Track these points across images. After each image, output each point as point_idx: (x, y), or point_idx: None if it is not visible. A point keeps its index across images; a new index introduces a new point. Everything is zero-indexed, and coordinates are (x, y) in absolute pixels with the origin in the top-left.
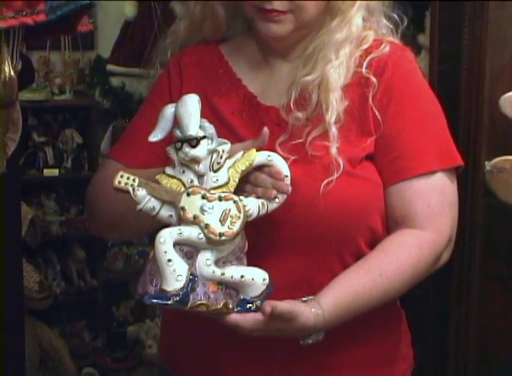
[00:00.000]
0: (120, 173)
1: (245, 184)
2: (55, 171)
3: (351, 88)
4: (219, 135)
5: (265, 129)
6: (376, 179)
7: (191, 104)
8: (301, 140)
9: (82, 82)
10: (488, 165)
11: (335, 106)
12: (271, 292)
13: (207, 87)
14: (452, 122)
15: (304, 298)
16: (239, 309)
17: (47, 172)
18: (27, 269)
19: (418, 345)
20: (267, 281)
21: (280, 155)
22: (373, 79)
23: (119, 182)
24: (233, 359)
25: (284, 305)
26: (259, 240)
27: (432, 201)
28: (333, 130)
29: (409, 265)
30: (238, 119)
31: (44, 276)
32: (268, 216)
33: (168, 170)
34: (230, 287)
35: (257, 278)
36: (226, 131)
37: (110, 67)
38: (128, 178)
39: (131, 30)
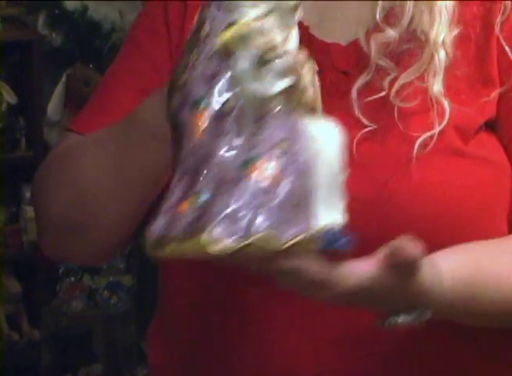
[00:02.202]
0: None
1: None
2: None
3: (462, 10)
4: None
5: None
6: (502, 161)
7: None
8: (383, 93)
9: (16, 2)
10: None
11: (445, 19)
12: None
13: None
14: None
15: None
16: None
17: None
18: None
19: None
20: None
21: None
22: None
23: None
24: None
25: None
26: None
27: None
28: (442, 54)
29: None
30: None
31: None
32: None
33: None
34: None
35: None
36: None
37: None
38: None
39: None
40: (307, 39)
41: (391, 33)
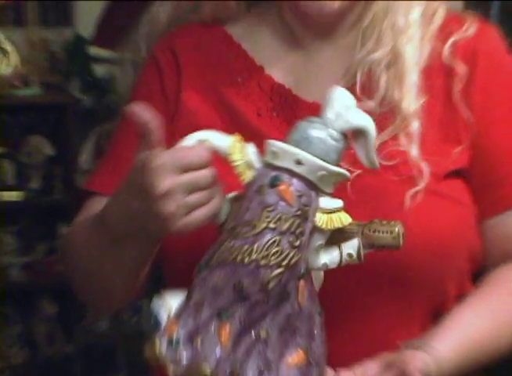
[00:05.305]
0: None
1: None
2: (17, 194)
3: (428, 76)
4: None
5: None
6: (468, 202)
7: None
8: None
9: (55, 71)
10: None
11: (414, 91)
12: None
13: (216, 78)
14: None
15: (411, 343)
16: None
17: (6, 196)
18: None
19: None
20: None
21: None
22: (462, 68)
23: None
24: None
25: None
26: None
27: None
28: (415, 124)
29: None
30: (267, 121)
31: (0, 339)
32: None
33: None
34: None
35: None
36: (253, 139)
37: (94, 51)
38: None
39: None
40: (291, 100)
41: (371, 104)
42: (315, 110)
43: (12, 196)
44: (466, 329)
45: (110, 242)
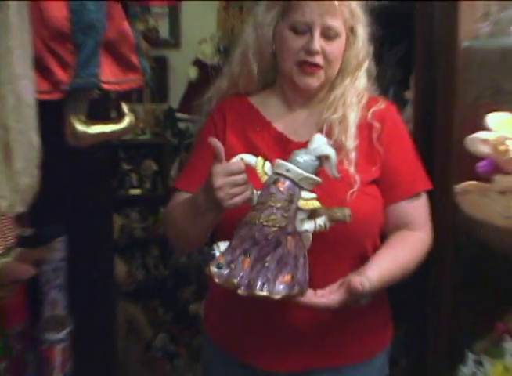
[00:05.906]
0: None
1: None
2: (138, 191)
3: (359, 129)
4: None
5: None
6: (380, 197)
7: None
8: None
9: (158, 126)
10: (457, 188)
11: (352, 137)
12: None
13: (245, 127)
14: (430, 156)
15: (354, 272)
16: None
17: (132, 191)
18: (118, 263)
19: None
20: None
21: None
22: (377, 125)
23: None
24: (269, 340)
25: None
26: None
27: (424, 212)
28: (353, 155)
29: (418, 257)
30: (272, 151)
31: (130, 267)
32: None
33: None
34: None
35: None
36: (266, 159)
37: (179, 115)
38: None
39: (194, 88)
40: (285, 140)
41: (330, 142)
42: (299, 145)
43: (136, 191)
44: (380, 266)
45: (197, 212)
